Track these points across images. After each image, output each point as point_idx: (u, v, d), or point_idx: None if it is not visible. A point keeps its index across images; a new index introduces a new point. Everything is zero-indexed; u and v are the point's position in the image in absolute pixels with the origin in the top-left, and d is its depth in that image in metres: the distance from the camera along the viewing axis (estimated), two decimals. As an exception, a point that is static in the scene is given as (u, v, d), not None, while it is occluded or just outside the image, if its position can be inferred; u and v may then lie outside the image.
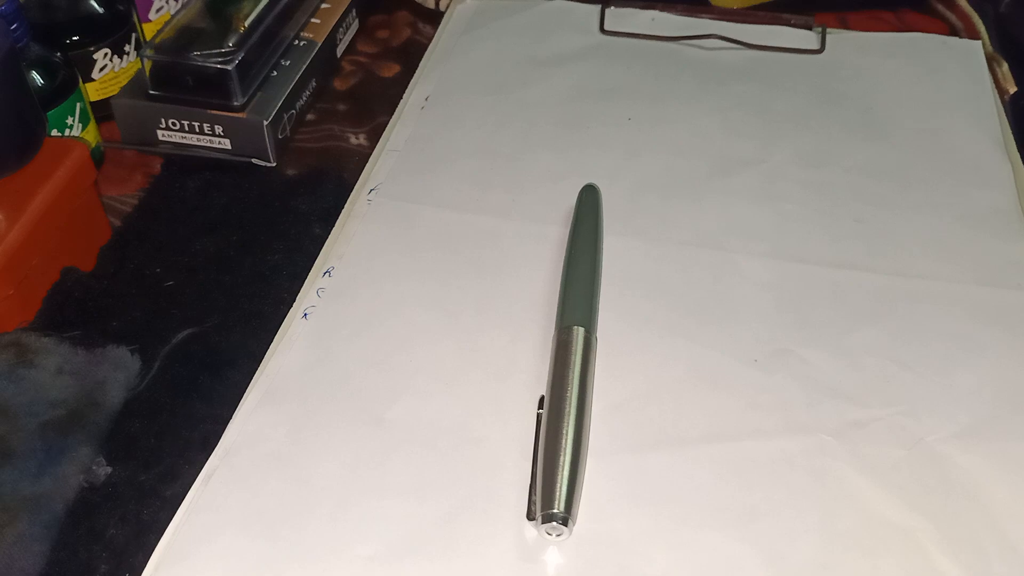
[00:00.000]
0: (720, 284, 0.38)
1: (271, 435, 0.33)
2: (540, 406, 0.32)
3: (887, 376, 0.34)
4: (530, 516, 0.30)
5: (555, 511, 0.29)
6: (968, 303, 0.37)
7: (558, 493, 0.29)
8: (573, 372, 0.32)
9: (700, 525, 0.30)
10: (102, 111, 0.47)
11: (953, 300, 0.37)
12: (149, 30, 0.51)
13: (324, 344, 0.36)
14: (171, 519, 0.31)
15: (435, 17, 0.55)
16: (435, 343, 0.36)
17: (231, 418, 0.33)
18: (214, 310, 0.39)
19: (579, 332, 0.33)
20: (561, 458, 0.30)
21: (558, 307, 0.35)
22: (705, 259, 0.38)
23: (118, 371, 0.35)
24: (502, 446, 0.32)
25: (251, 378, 0.35)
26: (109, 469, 0.33)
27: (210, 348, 0.37)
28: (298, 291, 0.38)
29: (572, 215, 0.39)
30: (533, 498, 0.30)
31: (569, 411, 0.31)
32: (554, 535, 0.29)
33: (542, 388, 0.33)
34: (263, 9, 0.48)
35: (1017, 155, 0.44)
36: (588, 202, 0.39)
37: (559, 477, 0.29)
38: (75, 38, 0.46)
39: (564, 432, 0.31)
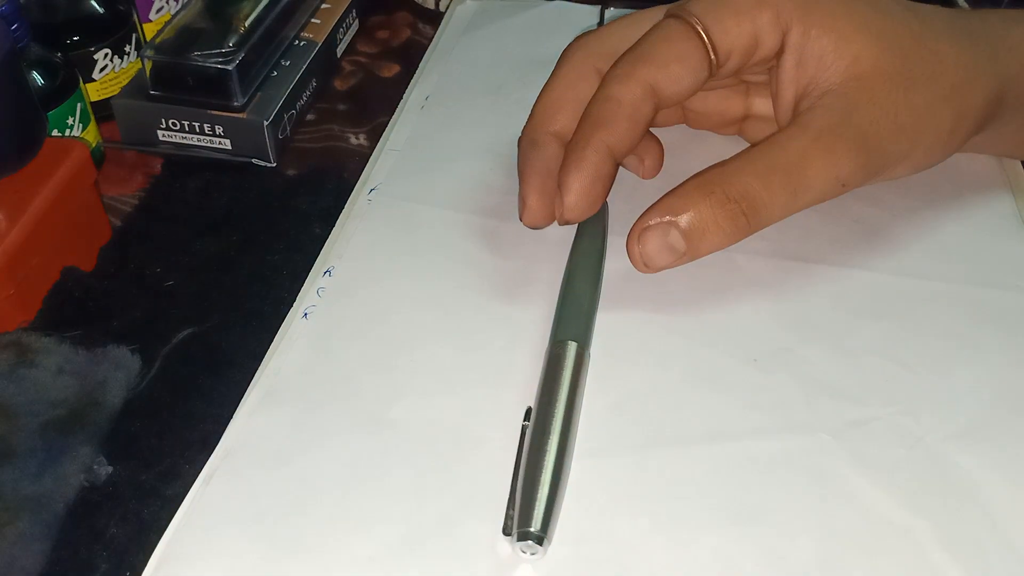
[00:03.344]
0: (720, 283, 0.38)
1: (271, 435, 0.33)
2: (527, 418, 0.32)
3: (886, 376, 0.34)
4: (506, 531, 0.29)
5: (531, 530, 0.28)
6: (968, 303, 0.37)
7: (536, 511, 0.29)
8: (562, 389, 0.32)
9: (699, 525, 0.30)
10: (102, 111, 0.47)
11: (953, 300, 0.37)
12: (149, 30, 0.52)
13: (324, 344, 0.36)
14: (172, 519, 0.31)
15: (435, 17, 0.55)
16: (435, 343, 0.36)
17: (231, 418, 0.33)
18: (214, 310, 0.39)
19: (572, 347, 0.33)
20: (542, 476, 0.29)
21: (554, 319, 0.35)
22: (705, 259, 0.38)
23: (118, 371, 0.36)
24: (503, 446, 0.32)
25: (251, 378, 0.35)
26: (110, 468, 0.33)
27: (210, 348, 0.37)
28: (298, 291, 0.38)
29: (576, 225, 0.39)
30: (511, 512, 0.30)
31: (554, 427, 0.31)
32: (528, 553, 0.29)
33: (541, 389, 0.33)
34: (263, 9, 0.48)
35: (1016, 155, 0.44)
36: (595, 215, 0.38)
37: (538, 495, 0.29)
38: (75, 38, 0.46)
39: (548, 449, 0.30)
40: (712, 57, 0.35)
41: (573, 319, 0.35)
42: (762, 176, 0.34)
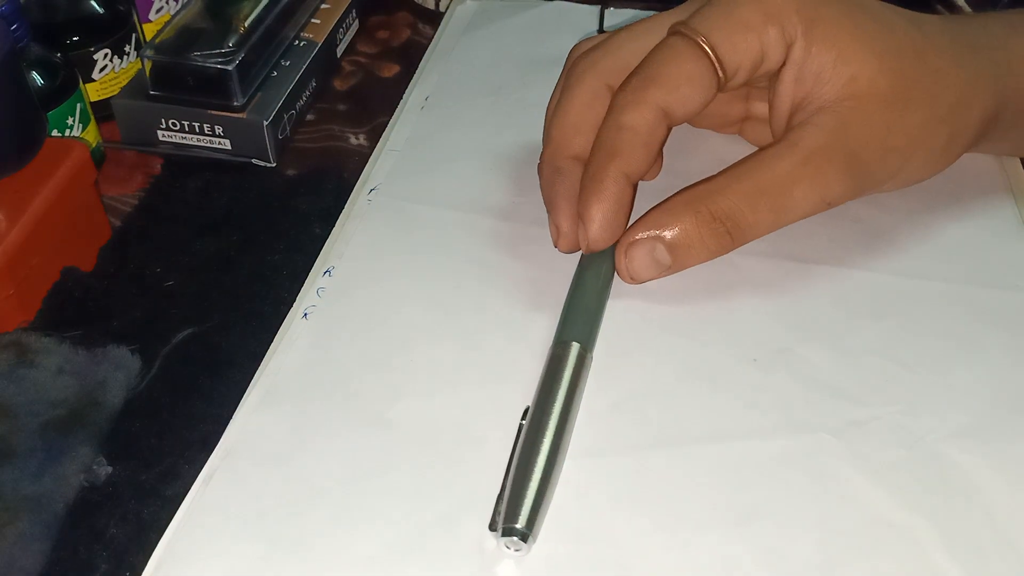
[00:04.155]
0: (719, 283, 0.38)
1: (271, 435, 0.33)
2: (524, 417, 0.32)
3: (887, 375, 0.34)
4: (492, 526, 0.30)
5: (517, 526, 0.28)
6: (968, 303, 0.37)
7: (523, 509, 0.29)
8: (560, 389, 0.32)
9: (699, 525, 0.30)
10: (102, 111, 0.47)
11: (953, 300, 0.37)
12: (149, 30, 0.52)
13: (324, 344, 0.36)
14: (171, 519, 0.31)
15: (435, 17, 0.55)
16: (435, 343, 0.36)
17: (231, 418, 0.33)
18: (214, 310, 0.39)
19: (574, 348, 0.33)
20: (532, 474, 0.30)
21: (559, 319, 0.35)
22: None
23: (118, 371, 0.36)
24: (503, 446, 0.32)
25: (251, 378, 0.35)
26: (109, 469, 0.33)
27: (210, 348, 0.37)
28: (298, 291, 0.38)
29: None
30: (499, 508, 0.30)
31: (549, 427, 0.31)
32: (512, 549, 0.29)
33: (541, 389, 0.33)
34: (263, 9, 0.48)
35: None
36: None
37: (527, 493, 0.29)
38: (75, 38, 0.46)
39: (540, 448, 0.30)
40: (720, 74, 0.35)
41: (578, 320, 0.35)
42: (748, 196, 0.34)
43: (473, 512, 0.30)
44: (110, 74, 0.48)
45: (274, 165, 0.47)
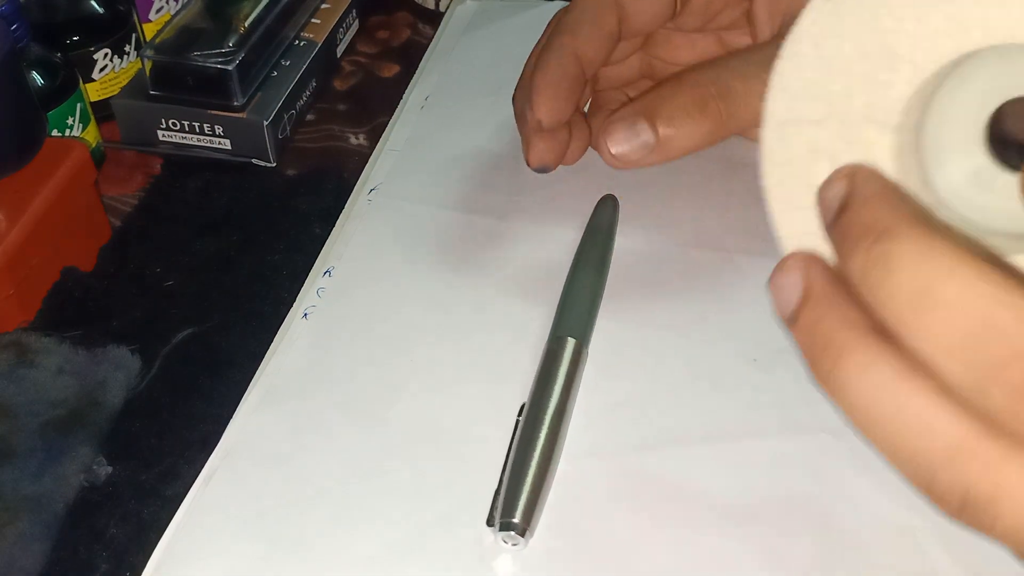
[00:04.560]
0: (720, 283, 0.38)
1: (271, 435, 0.33)
2: (520, 413, 0.32)
3: (887, 376, 0.34)
4: (489, 522, 0.30)
5: (514, 520, 0.29)
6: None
7: (519, 503, 0.29)
8: (556, 384, 0.32)
9: (699, 525, 0.30)
10: (102, 111, 0.47)
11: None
12: (149, 30, 0.51)
13: (324, 344, 0.36)
14: (171, 519, 0.31)
15: (435, 17, 0.55)
16: (435, 343, 0.36)
17: (231, 418, 0.33)
18: (214, 310, 0.39)
19: (570, 343, 0.33)
20: (529, 469, 0.30)
21: (555, 315, 0.35)
22: (705, 259, 0.38)
23: (118, 371, 0.36)
24: (502, 446, 0.32)
25: (251, 378, 0.35)
26: (109, 469, 0.33)
27: (210, 348, 0.37)
28: (298, 291, 0.38)
29: (587, 223, 0.39)
30: (496, 504, 0.30)
31: (545, 422, 0.31)
32: (510, 544, 0.29)
33: (541, 388, 0.33)
34: (263, 9, 0.48)
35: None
36: (604, 213, 0.39)
37: (523, 487, 0.29)
38: (75, 38, 0.46)
39: (536, 443, 0.30)
40: None
41: (573, 316, 0.35)
42: (736, 68, 0.34)
43: (473, 511, 0.30)
44: (110, 74, 0.48)
45: (274, 165, 0.47)
